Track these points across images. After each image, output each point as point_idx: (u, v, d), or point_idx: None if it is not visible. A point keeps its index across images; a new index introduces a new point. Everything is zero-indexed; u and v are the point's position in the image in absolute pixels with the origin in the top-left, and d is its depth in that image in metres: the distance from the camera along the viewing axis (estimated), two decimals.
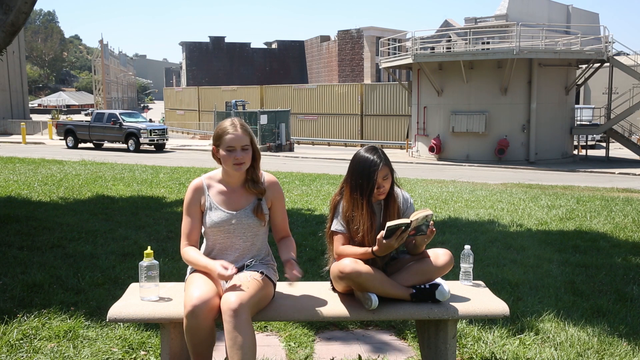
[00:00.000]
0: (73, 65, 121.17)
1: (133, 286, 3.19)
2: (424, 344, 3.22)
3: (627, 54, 30.10)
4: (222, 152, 2.91)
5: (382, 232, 2.84)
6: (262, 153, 3.42)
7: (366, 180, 2.96)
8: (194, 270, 2.96)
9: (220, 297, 2.77)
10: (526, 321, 3.95)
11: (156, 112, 73.60)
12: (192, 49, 58.87)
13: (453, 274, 3.70)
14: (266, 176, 3.04)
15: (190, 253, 2.92)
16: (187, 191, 2.99)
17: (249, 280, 2.79)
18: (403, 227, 2.82)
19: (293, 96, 35.62)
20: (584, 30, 26.32)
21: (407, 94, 27.38)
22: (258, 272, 2.90)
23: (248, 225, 2.96)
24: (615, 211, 9.00)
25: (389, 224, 2.83)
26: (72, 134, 27.17)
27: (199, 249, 3.02)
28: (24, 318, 3.83)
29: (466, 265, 3.32)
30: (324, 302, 3.01)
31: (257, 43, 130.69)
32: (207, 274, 2.88)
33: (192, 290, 2.73)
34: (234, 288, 2.75)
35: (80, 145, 27.32)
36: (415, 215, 2.85)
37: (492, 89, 22.78)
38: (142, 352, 3.43)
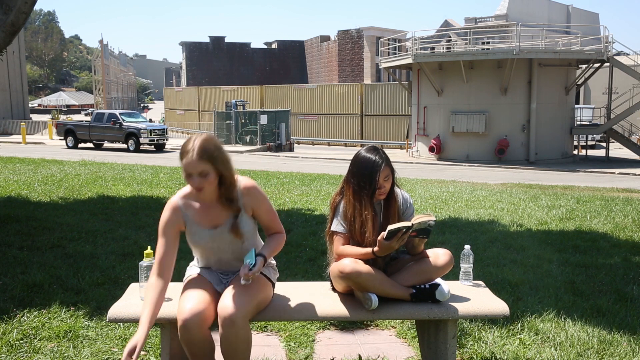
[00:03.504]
0: (73, 65, 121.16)
1: (133, 286, 3.19)
2: (424, 344, 3.22)
3: (627, 54, 30.10)
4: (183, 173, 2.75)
5: (383, 233, 2.83)
6: (262, 153, 3.33)
7: (368, 181, 2.96)
8: (190, 274, 2.94)
9: (215, 302, 2.74)
10: (526, 321, 3.95)
11: (156, 112, 73.59)
12: (192, 49, 58.86)
13: (453, 274, 3.69)
14: (242, 182, 2.85)
15: (147, 295, 2.70)
16: (164, 211, 2.83)
17: (247, 286, 2.74)
18: (404, 230, 2.82)
19: (293, 96, 35.62)
20: (584, 30, 26.32)
21: (407, 94, 27.38)
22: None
23: (230, 240, 2.86)
24: (615, 211, 9.00)
25: (390, 226, 2.83)
26: (72, 134, 27.17)
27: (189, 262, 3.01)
28: (24, 318, 3.83)
29: (466, 265, 3.32)
30: (324, 302, 3.01)
31: (257, 43, 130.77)
32: (201, 278, 2.86)
33: (184, 302, 2.68)
34: (232, 294, 2.69)
35: (80, 145, 27.32)
36: (418, 219, 2.84)
37: (492, 89, 22.78)
38: (142, 352, 3.43)
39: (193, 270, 2.99)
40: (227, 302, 2.65)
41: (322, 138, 33.82)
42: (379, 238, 2.85)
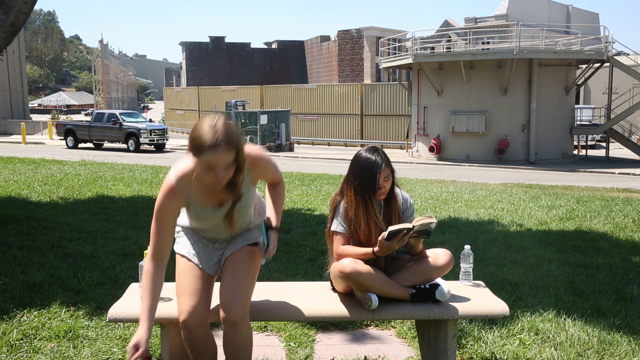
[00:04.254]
0: (73, 65, 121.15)
1: (133, 286, 3.19)
2: (424, 344, 3.22)
3: (627, 54, 30.09)
4: (199, 165, 2.43)
5: (384, 233, 2.83)
6: None
7: (368, 181, 2.96)
8: (182, 255, 2.78)
9: (211, 290, 2.70)
10: (526, 321, 3.95)
11: (156, 112, 73.58)
12: (192, 49, 58.86)
13: (453, 274, 3.69)
14: (250, 153, 2.58)
15: (145, 283, 2.57)
16: (161, 195, 2.56)
17: (245, 270, 2.66)
18: (405, 231, 2.82)
19: (293, 96, 35.61)
20: (584, 30, 26.32)
21: (407, 94, 27.38)
22: (250, 244, 2.74)
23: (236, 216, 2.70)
24: (615, 211, 9.00)
25: (391, 227, 2.83)
26: (72, 134, 27.17)
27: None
28: (24, 318, 3.83)
29: (466, 265, 3.32)
30: (324, 302, 3.01)
31: (257, 43, 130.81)
32: (193, 267, 2.72)
33: (182, 302, 2.62)
34: (232, 290, 2.63)
35: (80, 145, 27.32)
36: (419, 221, 2.85)
37: (492, 89, 22.78)
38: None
39: (183, 249, 2.79)
40: (229, 301, 2.59)
41: (322, 138, 33.82)
42: (380, 238, 2.85)
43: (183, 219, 2.80)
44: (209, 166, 2.39)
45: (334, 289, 3.15)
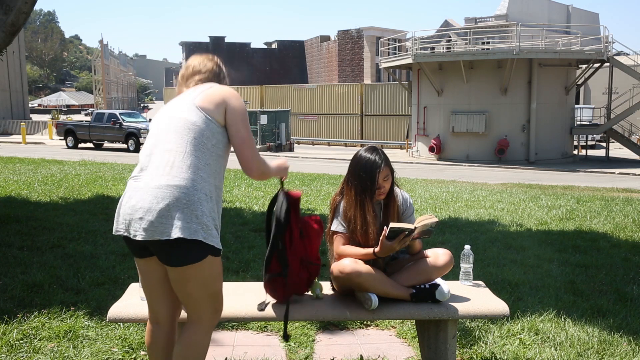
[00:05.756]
0: (73, 65, 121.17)
1: (133, 286, 3.19)
2: (424, 344, 3.22)
3: (627, 54, 30.09)
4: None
5: (385, 231, 2.83)
6: (262, 153, 3.20)
7: (368, 181, 2.96)
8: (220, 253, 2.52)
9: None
10: (526, 321, 3.95)
11: (156, 112, 73.51)
12: (192, 49, 58.80)
13: (453, 274, 3.70)
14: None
15: None
16: (241, 100, 2.55)
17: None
18: (407, 232, 2.82)
19: (293, 96, 35.61)
20: (584, 30, 26.30)
21: (407, 94, 27.38)
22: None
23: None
24: (615, 211, 9.00)
25: (392, 224, 2.83)
26: (72, 134, 27.16)
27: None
28: (24, 318, 3.83)
29: (466, 265, 3.32)
30: (324, 302, 3.01)
31: (257, 43, 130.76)
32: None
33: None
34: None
35: (80, 145, 27.30)
36: (421, 222, 2.85)
37: (492, 89, 22.78)
38: (142, 352, 3.43)
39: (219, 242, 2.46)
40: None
41: (322, 138, 33.81)
42: (381, 238, 2.85)
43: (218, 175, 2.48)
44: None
45: (334, 289, 3.15)
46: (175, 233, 2.27)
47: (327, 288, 3.20)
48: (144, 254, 2.47)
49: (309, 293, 3.10)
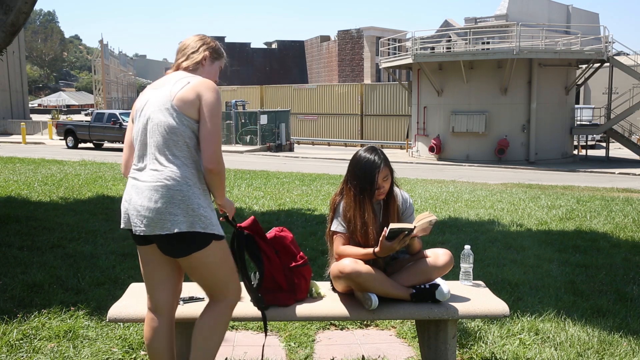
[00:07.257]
0: (73, 65, 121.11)
1: (133, 286, 3.20)
2: (424, 344, 3.22)
3: (627, 54, 30.08)
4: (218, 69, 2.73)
5: (385, 232, 2.83)
6: (262, 153, 3.24)
7: (367, 181, 2.96)
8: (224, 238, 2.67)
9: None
10: (526, 321, 3.95)
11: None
12: None
13: (453, 274, 3.70)
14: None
15: None
16: (218, 96, 2.54)
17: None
18: (406, 232, 2.82)
19: (293, 96, 35.61)
20: (584, 30, 26.30)
21: (407, 94, 27.38)
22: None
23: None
24: (615, 211, 9.00)
25: (392, 225, 2.83)
26: (72, 134, 27.15)
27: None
28: (24, 318, 3.83)
29: (466, 265, 3.32)
30: (324, 302, 3.01)
31: (257, 43, 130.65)
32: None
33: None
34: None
35: (80, 145, 27.29)
36: (420, 221, 2.85)
37: (492, 89, 22.78)
38: (142, 352, 3.43)
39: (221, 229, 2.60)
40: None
41: (322, 138, 33.81)
42: (381, 238, 2.85)
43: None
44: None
45: (334, 289, 3.15)
46: (175, 227, 2.41)
47: (327, 288, 3.21)
48: (146, 242, 2.60)
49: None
